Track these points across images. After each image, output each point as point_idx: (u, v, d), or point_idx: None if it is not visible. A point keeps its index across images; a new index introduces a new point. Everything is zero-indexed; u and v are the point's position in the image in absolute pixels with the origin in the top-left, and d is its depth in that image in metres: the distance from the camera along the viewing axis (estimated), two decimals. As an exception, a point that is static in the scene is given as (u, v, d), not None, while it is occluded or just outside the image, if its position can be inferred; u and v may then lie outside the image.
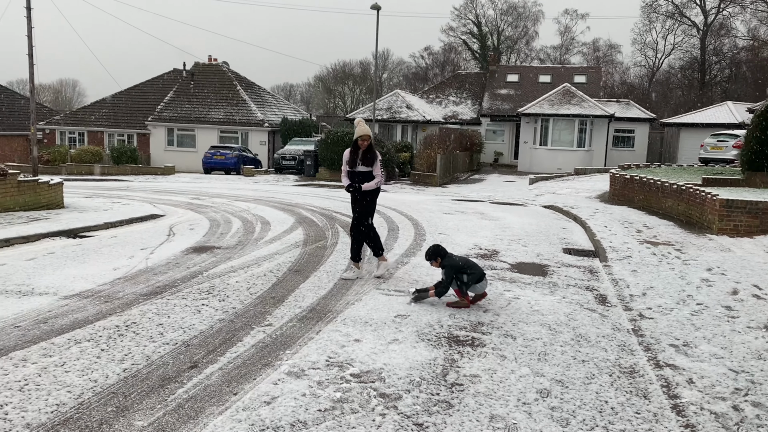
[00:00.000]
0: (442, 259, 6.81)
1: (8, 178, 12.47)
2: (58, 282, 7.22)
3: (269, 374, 4.63)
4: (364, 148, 7.82)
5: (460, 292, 6.71)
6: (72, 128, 41.85)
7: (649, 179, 16.27)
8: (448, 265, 6.72)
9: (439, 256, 6.83)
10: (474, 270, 6.67)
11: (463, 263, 6.73)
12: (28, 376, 4.46)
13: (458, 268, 6.65)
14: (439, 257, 6.83)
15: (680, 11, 57.08)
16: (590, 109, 32.84)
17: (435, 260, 6.86)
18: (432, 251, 6.88)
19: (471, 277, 6.62)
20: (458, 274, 6.65)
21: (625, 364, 5.19)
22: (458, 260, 6.78)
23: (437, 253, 6.84)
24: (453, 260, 6.76)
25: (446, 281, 6.68)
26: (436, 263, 6.86)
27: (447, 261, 6.77)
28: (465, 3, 69.27)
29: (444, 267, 6.74)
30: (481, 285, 6.71)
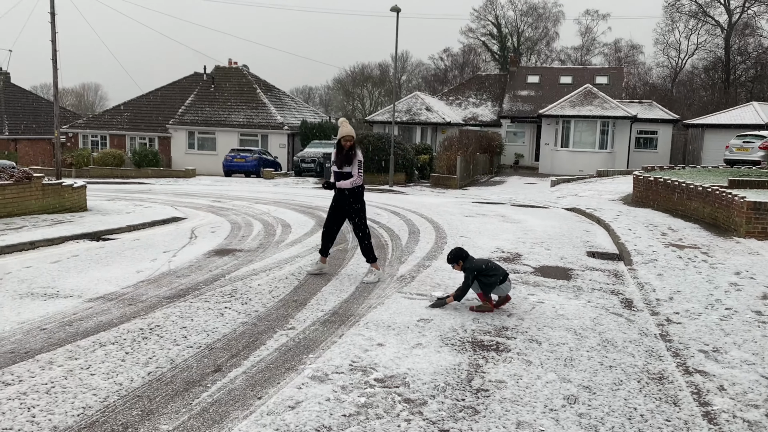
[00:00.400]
0: (464, 262, 6.75)
1: (33, 182, 12.62)
2: (83, 284, 7.27)
3: (293, 378, 4.61)
4: (347, 148, 7.91)
5: (484, 295, 6.65)
6: (94, 132, 42.37)
7: (673, 181, 16.05)
8: (468, 267, 6.66)
9: (460, 258, 6.78)
10: (496, 272, 6.61)
11: (485, 265, 6.66)
12: (54, 378, 4.48)
13: (480, 271, 6.59)
14: (461, 260, 6.77)
15: (704, 11, 56.36)
16: (612, 111, 32.52)
17: (457, 263, 6.80)
18: (454, 254, 6.83)
19: (493, 279, 6.56)
20: (480, 276, 6.59)
21: (654, 370, 5.09)
22: (480, 263, 6.72)
23: (459, 256, 6.79)
24: (474, 263, 6.70)
25: (465, 284, 6.61)
26: (458, 266, 6.80)
27: (468, 264, 6.71)
28: (484, 4, 69.07)
29: (465, 270, 6.69)
30: (504, 287, 6.64)
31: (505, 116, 39.03)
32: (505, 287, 6.67)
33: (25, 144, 43.97)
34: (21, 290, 6.92)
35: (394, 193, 22.90)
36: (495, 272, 6.60)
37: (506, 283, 6.65)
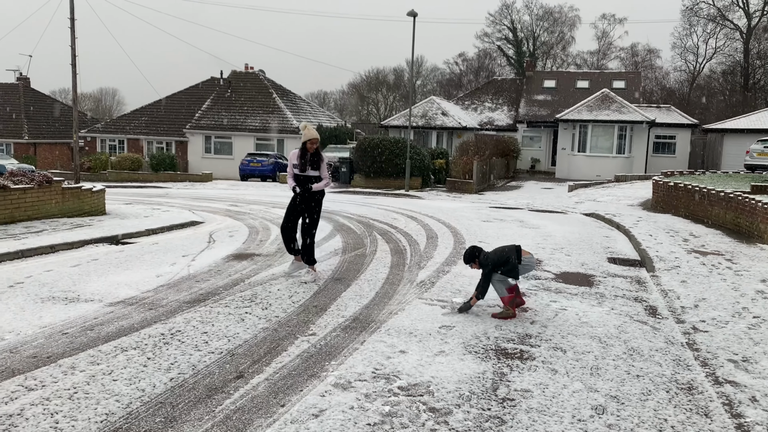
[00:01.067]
0: (479, 259, 6.68)
1: (53, 186, 12.71)
2: (103, 289, 7.28)
3: (316, 386, 4.56)
4: (312, 151, 8.11)
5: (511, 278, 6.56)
6: (112, 136, 42.72)
7: (694, 186, 15.85)
8: (484, 262, 6.60)
9: (475, 257, 6.70)
10: (509, 254, 6.54)
11: (498, 255, 6.58)
12: (77, 384, 4.46)
13: (496, 262, 6.51)
14: (476, 258, 6.69)
15: (722, 14, 55.80)
16: (630, 115, 32.26)
17: (473, 262, 6.73)
18: (468, 254, 6.75)
19: (511, 261, 6.50)
20: (499, 267, 6.52)
21: (682, 380, 4.98)
22: (493, 254, 6.63)
23: (473, 255, 6.71)
24: (489, 257, 6.62)
25: (485, 280, 6.54)
26: (475, 265, 6.72)
27: (483, 259, 6.63)
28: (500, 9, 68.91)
29: (482, 266, 6.61)
30: (526, 266, 6.58)
31: (521, 121, 38.83)
32: (527, 266, 6.59)
33: (44, 148, 44.42)
34: (42, 294, 6.94)
35: (410, 197, 22.84)
36: (508, 255, 6.53)
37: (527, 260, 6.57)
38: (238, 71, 43.84)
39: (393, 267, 9.03)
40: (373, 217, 15.30)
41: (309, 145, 8.07)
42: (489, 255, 6.66)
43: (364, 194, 24.15)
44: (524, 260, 6.58)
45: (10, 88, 48.31)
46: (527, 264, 6.62)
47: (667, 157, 35.94)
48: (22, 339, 5.39)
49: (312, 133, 8.06)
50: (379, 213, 16.26)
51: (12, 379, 4.49)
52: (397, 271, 8.78)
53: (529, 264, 6.65)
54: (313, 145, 8.10)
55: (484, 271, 6.57)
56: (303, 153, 8.12)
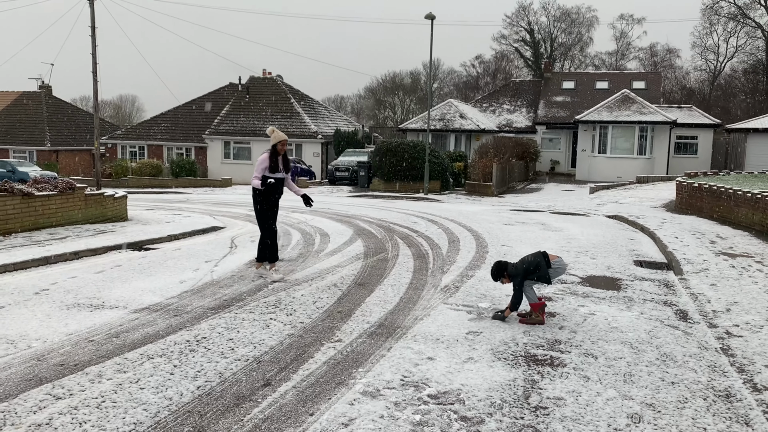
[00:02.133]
0: (508, 272, 6.57)
1: (76, 192, 12.79)
2: (127, 295, 7.28)
3: (344, 394, 4.49)
4: (282, 153, 8.31)
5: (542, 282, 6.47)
6: (132, 142, 43.10)
7: (719, 187, 15.58)
8: (514, 274, 6.48)
9: (504, 271, 6.58)
10: (537, 260, 6.42)
11: (527, 264, 6.46)
12: (104, 392, 4.43)
13: (525, 270, 6.40)
14: (505, 272, 6.58)
15: (743, 12, 55.01)
16: (651, 116, 31.89)
17: (503, 277, 6.62)
18: (495, 270, 6.64)
19: (542, 268, 6.39)
20: (530, 276, 6.41)
21: (719, 387, 4.84)
22: (521, 264, 6.51)
23: (501, 271, 6.59)
24: (518, 267, 6.50)
25: (517, 292, 6.42)
26: (506, 279, 6.61)
27: (512, 270, 6.52)
28: (517, 10, 68.54)
29: (513, 279, 6.50)
30: (557, 269, 6.47)
31: (540, 122, 38.55)
32: (558, 270, 6.47)
33: (66, 155, 44.93)
34: (67, 301, 6.95)
35: (430, 201, 22.73)
36: (537, 261, 6.42)
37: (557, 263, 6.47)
38: (256, 77, 44.04)
39: (416, 271, 8.94)
40: (393, 221, 15.23)
41: (280, 147, 8.25)
42: (517, 265, 6.55)
43: (383, 198, 24.09)
44: (554, 264, 6.47)
45: (33, 96, 48.98)
46: (558, 267, 6.51)
47: (689, 157, 35.46)
48: (49, 346, 5.38)
49: (281, 135, 8.28)
50: (398, 217, 16.18)
51: (40, 388, 4.48)
52: (421, 275, 8.69)
53: (560, 267, 6.54)
54: (284, 147, 8.30)
55: (515, 282, 6.45)
56: (273, 155, 8.24)
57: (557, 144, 39.08)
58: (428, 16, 24.91)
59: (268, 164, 8.19)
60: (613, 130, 32.35)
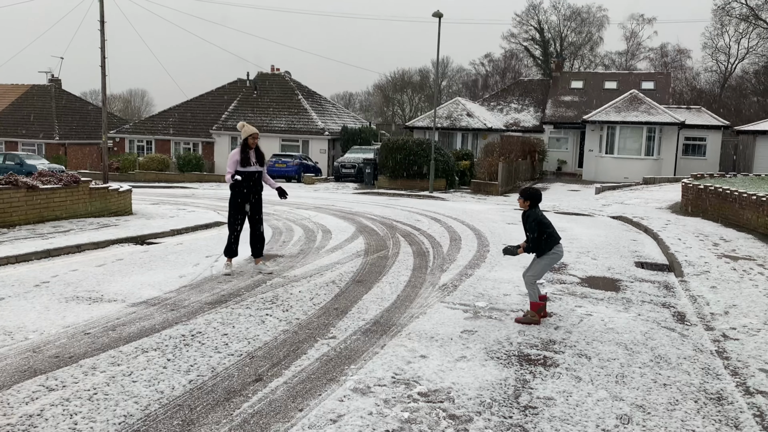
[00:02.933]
0: (531, 206, 6.47)
1: (80, 186, 12.87)
2: (126, 289, 7.33)
3: (334, 390, 4.51)
4: (254, 146, 8.22)
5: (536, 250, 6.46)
6: (140, 137, 43.30)
7: (725, 189, 15.50)
8: (533, 214, 6.44)
9: (533, 199, 6.46)
10: (553, 229, 6.44)
11: (546, 221, 6.46)
12: (97, 385, 4.47)
13: (541, 224, 6.39)
14: (530, 201, 6.46)
15: (755, 14, 54.61)
16: (659, 117, 31.73)
17: (526, 200, 6.47)
18: (531, 193, 6.49)
19: (553, 232, 6.42)
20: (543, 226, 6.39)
21: (711, 390, 4.83)
22: (543, 216, 6.49)
23: (533, 197, 6.46)
24: (539, 213, 6.48)
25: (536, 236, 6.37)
26: (525, 204, 6.48)
27: (535, 209, 6.46)
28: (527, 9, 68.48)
29: (529, 216, 6.44)
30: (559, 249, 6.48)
31: (547, 122, 38.44)
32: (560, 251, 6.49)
33: (74, 148, 45.15)
34: (67, 294, 7.01)
35: (435, 199, 22.73)
36: (552, 230, 6.43)
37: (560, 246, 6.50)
38: (264, 72, 44.15)
39: (415, 269, 8.96)
40: (397, 218, 15.24)
41: (251, 141, 8.19)
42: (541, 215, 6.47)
43: (388, 195, 24.10)
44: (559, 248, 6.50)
45: (42, 89, 49.27)
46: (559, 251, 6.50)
47: (697, 159, 35.27)
48: (45, 338, 5.43)
49: (251, 128, 8.22)
50: (402, 215, 16.19)
51: (33, 379, 4.52)
52: (420, 273, 8.70)
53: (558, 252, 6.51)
54: (255, 140, 8.23)
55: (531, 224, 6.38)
56: (245, 149, 8.20)
57: (564, 144, 38.95)
58: (435, 14, 24.87)
59: (239, 158, 8.16)
60: (621, 130, 32.23)
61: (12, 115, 47.05)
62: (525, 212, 6.54)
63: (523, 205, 6.53)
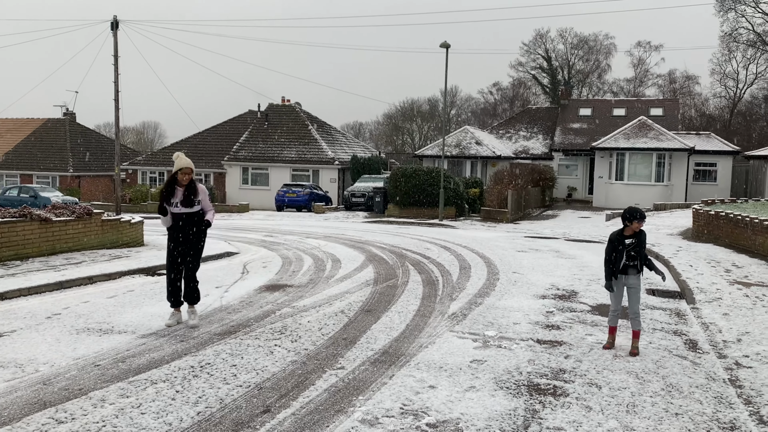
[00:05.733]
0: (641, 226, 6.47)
1: (93, 218, 13.01)
2: (137, 320, 7.36)
3: (342, 421, 4.49)
4: (186, 183, 6.79)
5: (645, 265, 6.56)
6: (153, 168, 43.75)
7: (736, 215, 15.41)
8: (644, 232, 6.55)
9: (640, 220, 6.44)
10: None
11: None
12: (105, 417, 4.48)
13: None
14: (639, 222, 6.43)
15: (762, 39, 54.78)
16: (668, 143, 31.73)
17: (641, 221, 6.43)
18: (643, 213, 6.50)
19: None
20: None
21: (724, 419, 4.77)
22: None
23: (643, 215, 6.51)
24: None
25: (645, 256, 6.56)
26: (640, 224, 6.45)
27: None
28: (534, 38, 68.97)
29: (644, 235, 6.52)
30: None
31: (557, 149, 38.52)
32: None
33: (88, 180, 45.69)
34: (78, 325, 7.05)
35: (444, 227, 22.73)
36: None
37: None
38: (274, 104, 44.63)
39: (424, 298, 8.94)
40: (406, 247, 15.25)
41: (180, 177, 6.73)
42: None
43: (397, 224, 24.13)
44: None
45: (57, 123, 50.07)
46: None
47: (708, 184, 35.15)
48: (56, 371, 5.46)
49: (184, 161, 6.76)
50: (412, 243, 16.20)
51: (43, 412, 4.54)
52: (429, 302, 8.69)
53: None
54: (185, 175, 6.74)
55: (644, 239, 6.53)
56: (174, 184, 6.77)
57: (574, 170, 38.96)
58: (443, 45, 25.17)
59: (173, 198, 6.86)
60: (631, 156, 32.22)
61: (27, 149, 47.79)
62: (639, 234, 6.52)
63: (639, 227, 6.49)
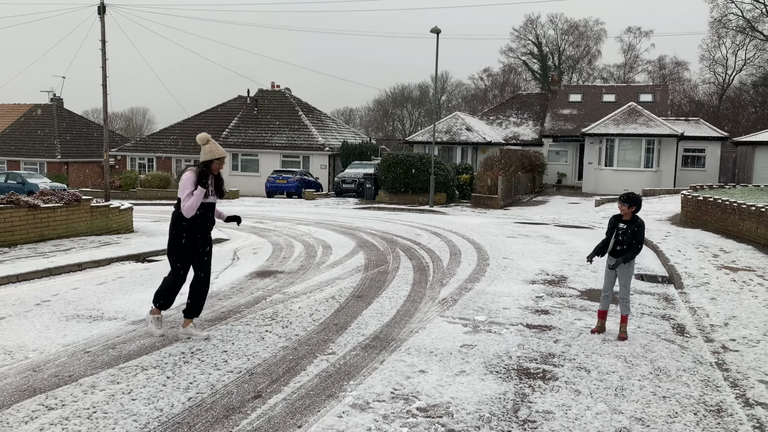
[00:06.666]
0: (637, 212, 6.45)
1: (81, 204, 12.92)
2: (127, 307, 7.35)
3: (333, 406, 4.51)
4: (217, 173, 6.26)
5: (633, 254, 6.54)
6: (142, 154, 43.48)
7: (724, 201, 15.53)
8: (641, 222, 6.50)
9: (638, 205, 6.41)
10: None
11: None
12: (96, 403, 4.48)
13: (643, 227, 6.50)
14: (636, 207, 6.40)
15: (752, 26, 54.92)
16: (657, 129, 31.84)
17: (631, 207, 6.38)
18: (635, 198, 6.42)
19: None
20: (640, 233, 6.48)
21: (711, 402, 4.83)
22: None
23: (639, 203, 6.43)
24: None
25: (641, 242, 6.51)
26: (630, 211, 6.40)
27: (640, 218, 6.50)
28: (524, 24, 68.85)
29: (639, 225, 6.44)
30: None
31: (547, 135, 38.57)
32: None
33: (76, 167, 45.35)
34: (67, 312, 7.02)
35: (435, 213, 22.76)
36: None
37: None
38: (264, 89, 44.36)
39: (415, 284, 8.97)
40: (397, 233, 15.26)
41: (216, 165, 6.15)
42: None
43: (388, 210, 24.14)
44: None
45: (44, 109, 49.54)
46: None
47: (696, 170, 35.36)
48: (45, 357, 5.45)
49: (220, 150, 6.18)
50: (402, 229, 16.22)
51: (33, 398, 4.53)
52: (419, 288, 8.72)
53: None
54: (221, 165, 6.22)
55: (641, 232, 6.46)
56: (204, 175, 6.06)
57: (564, 156, 39.07)
58: (434, 30, 25.06)
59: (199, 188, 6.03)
60: (620, 142, 32.33)
61: (14, 135, 47.29)
62: (631, 222, 6.44)
63: (627, 212, 6.44)
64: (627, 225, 6.49)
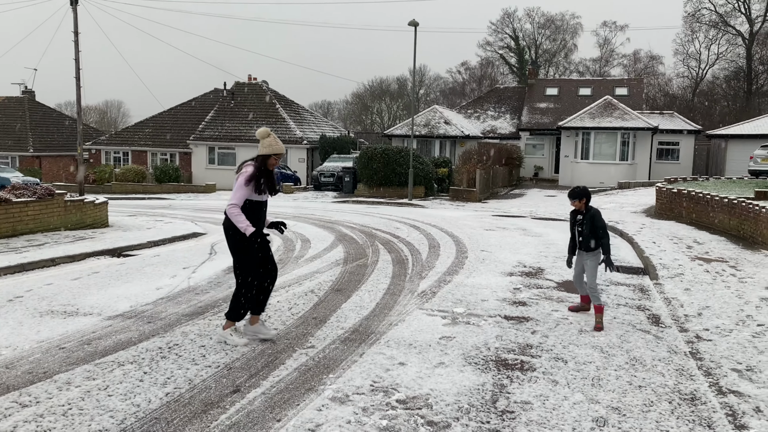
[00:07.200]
0: (588, 203, 6.64)
1: (55, 198, 12.72)
2: (102, 302, 7.25)
3: (313, 399, 4.51)
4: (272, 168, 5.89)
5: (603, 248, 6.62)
6: (117, 148, 42.85)
7: (697, 193, 15.77)
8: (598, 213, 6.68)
9: (588, 197, 6.66)
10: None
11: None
12: (71, 399, 4.42)
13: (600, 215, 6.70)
14: (587, 198, 6.64)
15: (724, 20, 55.73)
16: (633, 122, 32.20)
17: (582, 200, 6.64)
18: (582, 190, 6.67)
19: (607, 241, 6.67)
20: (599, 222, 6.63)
21: (685, 390, 4.91)
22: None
23: (588, 194, 6.69)
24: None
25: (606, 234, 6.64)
26: (581, 204, 6.66)
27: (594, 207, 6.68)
28: (502, 17, 69.02)
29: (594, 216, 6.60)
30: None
31: (524, 129, 38.80)
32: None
33: (49, 161, 44.58)
34: (41, 308, 6.92)
35: (414, 206, 22.80)
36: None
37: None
38: (241, 82, 43.97)
39: (394, 277, 8.98)
40: (376, 226, 15.26)
41: (273, 161, 5.84)
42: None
43: (367, 204, 24.12)
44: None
45: (15, 101, 48.57)
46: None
47: (671, 163, 35.84)
48: (19, 354, 5.36)
49: (281, 145, 5.88)
50: (381, 222, 16.22)
51: (6, 396, 4.46)
52: (399, 281, 8.73)
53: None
54: (278, 161, 5.92)
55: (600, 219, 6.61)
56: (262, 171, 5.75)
57: (541, 150, 39.32)
58: (411, 23, 25.03)
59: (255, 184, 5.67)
60: (596, 136, 32.63)
61: (-16, 128, 46.29)
62: (586, 212, 6.67)
63: (580, 206, 6.68)
64: (583, 216, 6.73)
